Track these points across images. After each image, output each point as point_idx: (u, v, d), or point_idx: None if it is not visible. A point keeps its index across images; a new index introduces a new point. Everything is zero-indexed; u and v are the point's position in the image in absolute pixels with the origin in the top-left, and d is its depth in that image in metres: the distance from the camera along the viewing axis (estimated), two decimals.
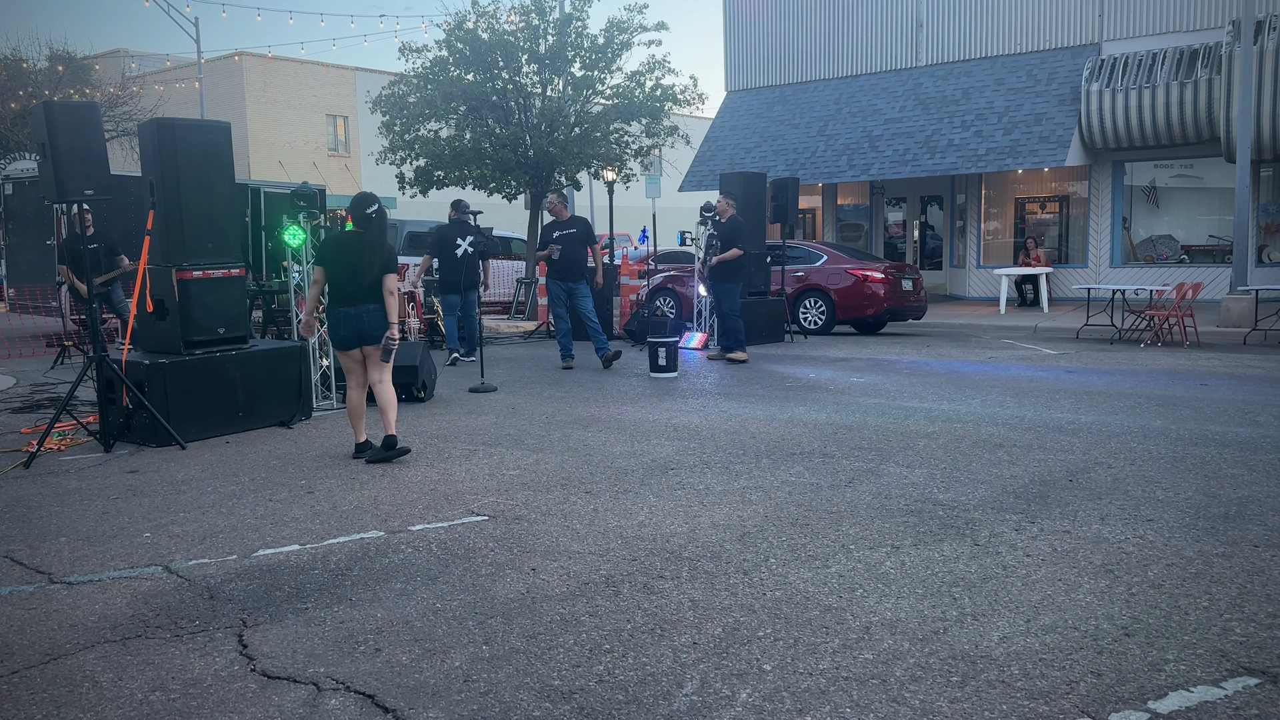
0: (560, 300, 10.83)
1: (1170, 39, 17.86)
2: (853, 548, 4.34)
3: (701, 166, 22.14)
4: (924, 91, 20.34)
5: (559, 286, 10.78)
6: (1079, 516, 4.75)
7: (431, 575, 4.07)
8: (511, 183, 17.52)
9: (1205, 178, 18.61)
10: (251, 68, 34.95)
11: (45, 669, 3.25)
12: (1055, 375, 9.86)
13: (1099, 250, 19.36)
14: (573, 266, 10.73)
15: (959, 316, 16.76)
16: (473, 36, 17.29)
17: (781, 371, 10.49)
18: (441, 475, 5.85)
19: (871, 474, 5.69)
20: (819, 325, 14.68)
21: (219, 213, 7.41)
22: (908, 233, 22.72)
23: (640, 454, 6.34)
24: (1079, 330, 13.95)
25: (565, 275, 10.75)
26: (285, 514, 5.06)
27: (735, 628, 3.47)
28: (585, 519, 4.86)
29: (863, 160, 20.06)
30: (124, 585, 4.04)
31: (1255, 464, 5.77)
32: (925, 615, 3.55)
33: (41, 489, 5.72)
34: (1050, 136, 18.11)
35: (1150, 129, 17.54)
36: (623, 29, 17.71)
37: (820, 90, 22.04)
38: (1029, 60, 19.38)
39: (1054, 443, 6.47)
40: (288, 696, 3.01)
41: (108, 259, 10.77)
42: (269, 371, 7.56)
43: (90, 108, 7.00)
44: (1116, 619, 3.48)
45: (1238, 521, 4.63)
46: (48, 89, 27.04)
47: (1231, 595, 3.70)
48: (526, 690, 3.02)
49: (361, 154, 35.19)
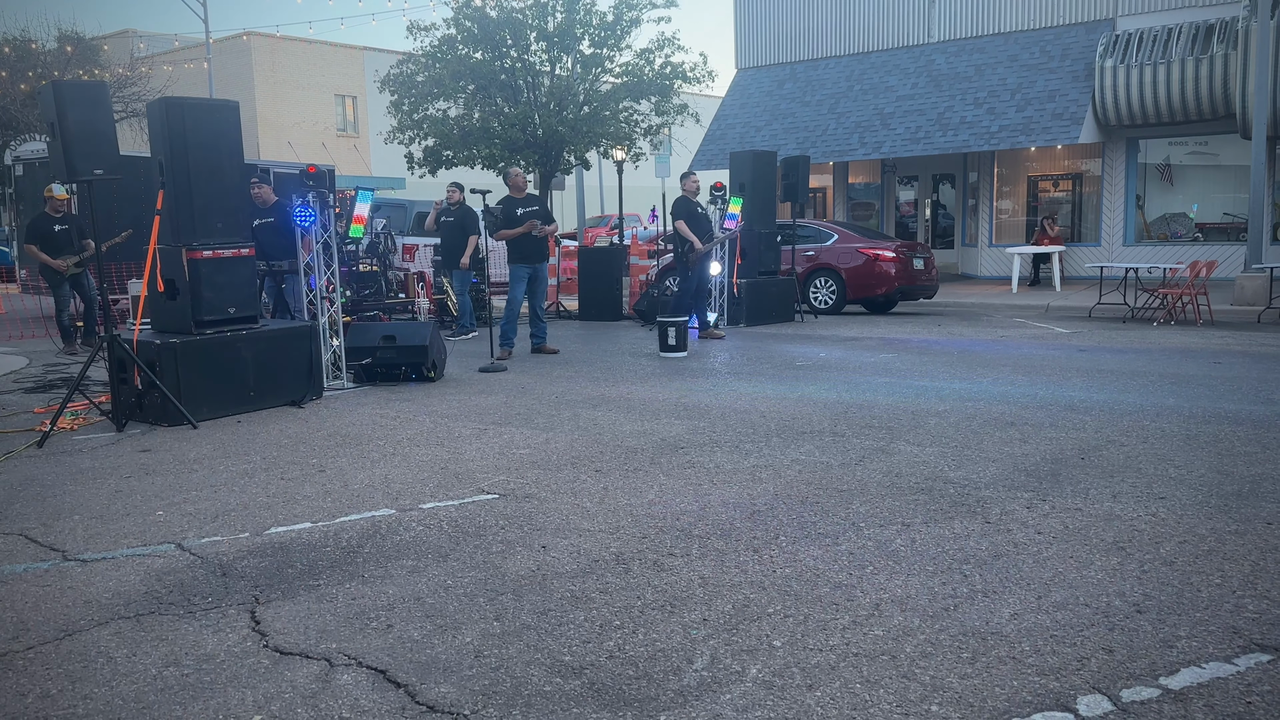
0: (523, 283, 10.20)
1: (1185, 14, 17.63)
2: (863, 525, 4.33)
3: (711, 145, 22.01)
4: (936, 68, 20.15)
5: (524, 269, 10.17)
6: (1091, 494, 4.73)
7: (442, 552, 4.09)
8: (520, 162, 17.48)
9: (1220, 155, 18.42)
10: (260, 48, 34.88)
11: (60, 645, 3.28)
12: (1067, 354, 9.81)
13: (1112, 228, 19.21)
14: (540, 247, 10.25)
15: (971, 295, 16.67)
16: (481, 14, 17.20)
17: (792, 351, 10.46)
18: (452, 454, 5.86)
19: (882, 452, 5.68)
20: (830, 305, 14.63)
21: (228, 192, 7.40)
22: (919, 211, 22.58)
23: (650, 433, 6.34)
24: (1091, 309, 13.86)
25: (531, 256, 10.18)
26: (297, 492, 5.08)
27: (745, 604, 3.47)
28: (595, 497, 4.87)
29: (874, 138, 19.91)
30: (137, 563, 4.07)
31: (1269, 442, 5.74)
32: (936, 592, 3.54)
33: (55, 468, 5.76)
34: (1064, 113, 17.93)
35: (1165, 105, 17.34)
36: (632, 6, 17.60)
37: (831, 67, 21.85)
38: (1042, 36, 19.16)
39: (1066, 420, 6.44)
40: (300, 672, 3.03)
41: (77, 242, 10.80)
42: (280, 351, 7.58)
43: (100, 87, 6.98)
44: (1128, 596, 3.47)
45: (1251, 499, 4.60)
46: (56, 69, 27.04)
47: (1244, 572, 3.68)
48: (537, 665, 3.03)
49: (370, 134, 35.15)
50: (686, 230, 11.37)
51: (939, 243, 21.80)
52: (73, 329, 11.19)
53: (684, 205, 11.54)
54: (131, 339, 7.08)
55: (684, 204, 11.55)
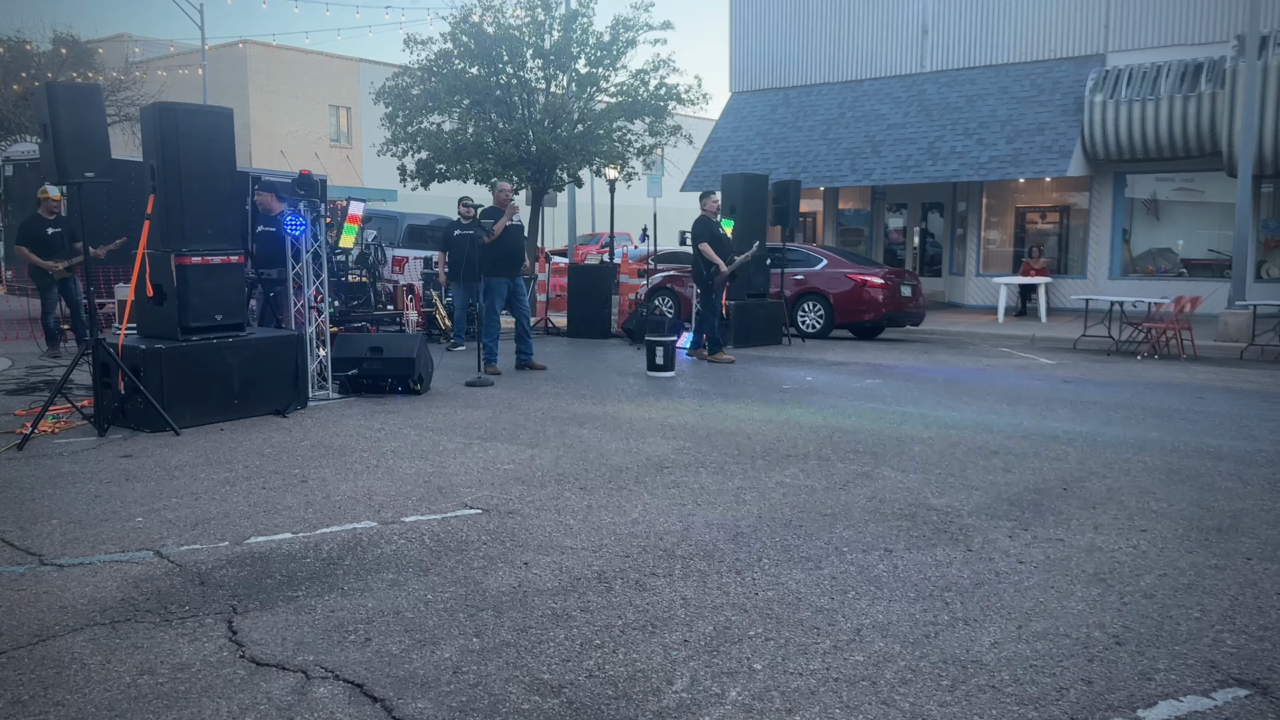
0: (502, 297, 10.19)
1: (1174, 52, 17.88)
2: (846, 550, 4.33)
3: (704, 167, 22.13)
4: (928, 98, 20.34)
5: (503, 283, 10.15)
6: (1073, 525, 4.75)
7: (423, 567, 4.06)
8: (513, 178, 17.51)
9: (1206, 192, 18.63)
10: (255, 56, 34.90)
11: (34, 650, 3.24)
12: (1052, 384, 9.87)
13: (1098, 261, 19.38)
14: (517, 260, 10.25)
15: (957, 324, 16.77)
16: (478, 30, 17.26)
17: (779, 374, 10.49)
18: (436, 468, 5.84)
19: (866, 477, 5.69)
20: (817, 329, 14.68)
21: (220, 199, 7.38)
22: (908, 239, 22.73)
23: (635, 452, 6.33)
24: (1076, 340, 13.96)
25: (510, 270, 10.19)
26: (278, 502, 5.04)
27: (726, 626, 3.46)
28: (579, 515, 4.86)
29: (865, 165, 20.06)
30: (115, 569, 4.03)
31: (1250, 478, 5.78)
32: (917, 619, 3.54)
33: (34, 471, 5.70)
34: (1053, 146, 18.12)
35: (1152, 141, 17.55)
36: (628, 27, 17.70)
37: (824, 94, 22.03)
38: (1033, 69, 19.39)
39: (1049, 451, 6.47)
40: (276, 683, 3.00)
41: (68, 245, 10.73)
42: (265, 360, 7.54)
43: (93, 89, 6.98)
44: (1108, 627, 3.48)
45: (1231, 534, 4.63)
46: (50, 71, 26.99)
47: (1223, 607, 3.70)
48: (516, 683, 3.01)
49: (363, 146, 35.17)
50: (711, 253, 11.22)
51: (927, 271, 21.93)
52: (58, 332, 11.11)
53: (706, 226, 11.38)
54: (116, 343, 7.04)
55: (706, 225, 11.39)
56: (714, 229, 11.46)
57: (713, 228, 11.46)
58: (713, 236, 11.37)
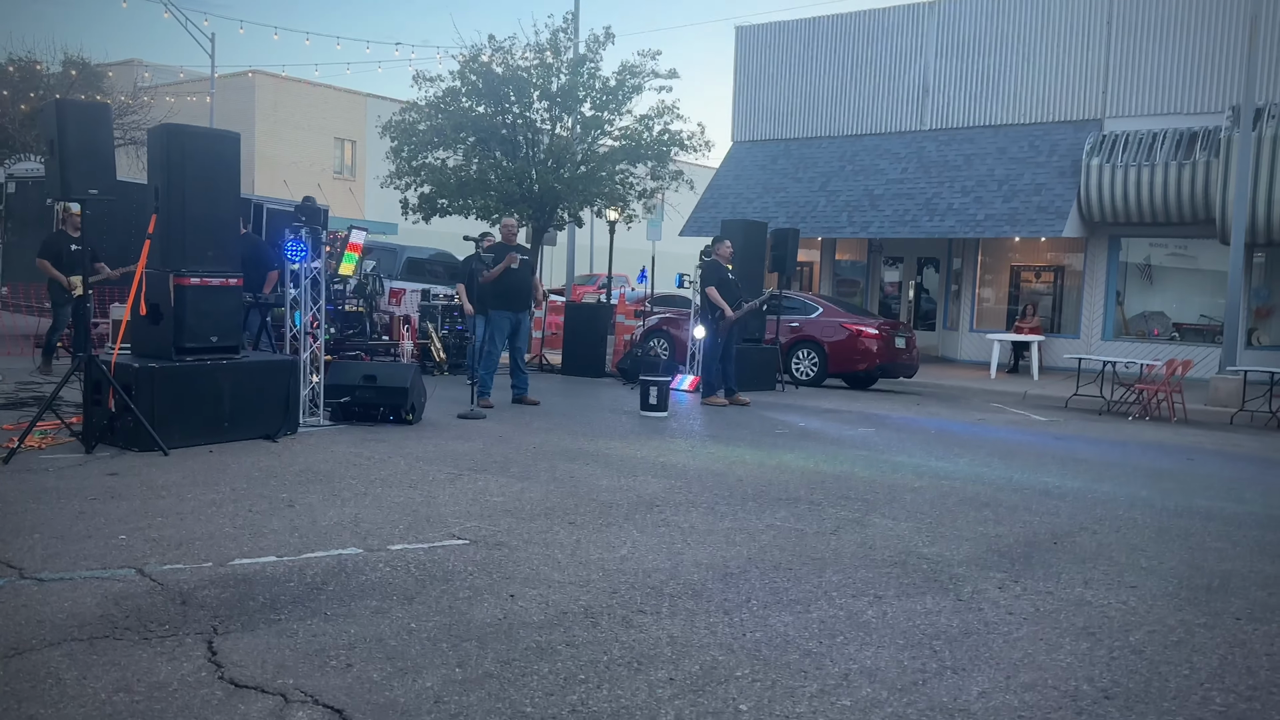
0: (504, 332, 10.23)
1: (1171, 120, 18.18)
2: (835, 595, 4.30)
3: (704, 213, 22.33)
4: (926, 155, 20.61)
5: (506, 317, 10.18)
6: (1063, 578, 4.73)
7: (408, 595, 4.02)
8: (514, 214, 17.62)
9: (1199, 258, 18.84)
10: (264, 86, 35.23)
11: (9, 663, 3.19)
12: (1044, 440, 9.88)
13: (1091, 322, 19.52)
14: (522, 296, 10.26)
15: (950, 378, 16.82)
16: (487, 70, 17.50)
17: (772, 418, 10.48)
18: (425, 497, 5.80)
19: (857, 524, 5.67)
20: (811, 377, 14.70)
21: (222, 221, 7.42)
22: (903, 292, 22.89)
23: (626, 489, 6.31)
24: (1068, 399, 14.00)
25: (514, 304, 10.19)
26: (264, 525, 5.00)
27: (713, 666, 3.43)
28: (567, 549, 4.82)
29: (863, 218, 20.27)
30: (95, 585, 3.97)
31: (1239, 539, 5.77)
32: (905, 666, 3.51)
33: (19, 485, 5.65)
34: (1049, 207, 18.34)
35: (1147, 206, 17.77)
36: (635, 73, 17.95)
37: (825, 147, 22.31)
38: (1031, 131, 19.68)
39: (1040, 505, 6.46)
40: (254, 705, 2.95)
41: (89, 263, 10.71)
42: (258, 383, 7.52)
43: (102, 108, 7.04)
44: (1097, 681, 3.45)
45: (1220, 594, 4.61)
46: (59, 92, 27.18)
47: (1212, 665, 3.67)
48: (498, 715, 2.97)
49: (367, 179, 35.41)
50: (718, 297, 11.35)
51: (920, 325, 22.06)
52: (55, 349, 11.06)
53: (715, 271, 11.54)
54: (109, 360, 7.01)
55: (715, 270, 11.54)
56: (723, 274, 11.61)
57: (721, 273, 11.60)
58: (720, 281, 11.51)
